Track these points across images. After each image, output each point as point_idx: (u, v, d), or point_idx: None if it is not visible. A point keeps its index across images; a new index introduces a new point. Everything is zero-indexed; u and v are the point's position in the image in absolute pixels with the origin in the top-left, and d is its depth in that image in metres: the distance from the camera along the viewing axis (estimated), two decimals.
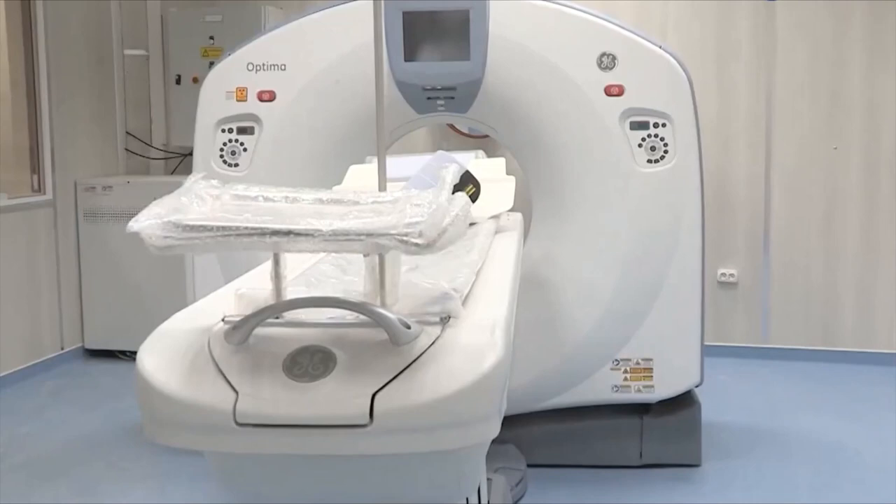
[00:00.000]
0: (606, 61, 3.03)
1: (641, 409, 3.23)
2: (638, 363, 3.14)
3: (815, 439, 3.51)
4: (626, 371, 3.15)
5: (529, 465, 3.14)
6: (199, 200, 1.34)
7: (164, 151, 5.03)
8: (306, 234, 1.22)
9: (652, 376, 3.14)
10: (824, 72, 4.42)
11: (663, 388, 3.17)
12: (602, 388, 3.16)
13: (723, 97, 4.51)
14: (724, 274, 4.59)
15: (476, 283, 1.66)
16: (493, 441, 1.39)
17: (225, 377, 1.28)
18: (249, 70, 3.18)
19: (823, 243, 4.50)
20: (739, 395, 4.06)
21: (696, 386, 3.23)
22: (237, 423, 1.24)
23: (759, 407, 3.90)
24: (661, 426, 3.22)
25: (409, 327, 1.29)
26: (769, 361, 4.53)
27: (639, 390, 3.16)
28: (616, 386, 3.16)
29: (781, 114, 4.48)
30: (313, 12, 3.18)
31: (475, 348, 1.29)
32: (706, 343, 3.23)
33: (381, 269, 1.37)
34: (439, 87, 3.12)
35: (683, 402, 3.24)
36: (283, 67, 3.16)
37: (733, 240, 4.59)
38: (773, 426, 3.66)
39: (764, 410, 3.86)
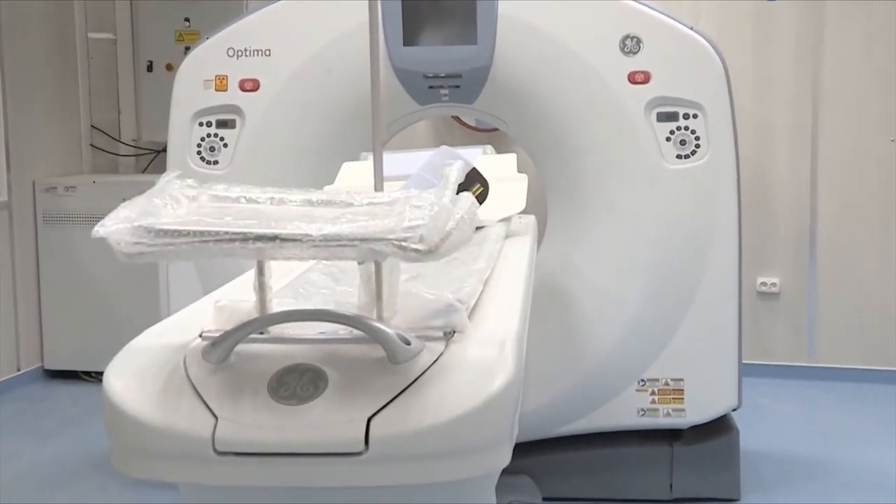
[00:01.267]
0: (630, 45, 3.04)
1: (671, 435, 3.23)
2: (667, 384, 3.15)
3: (870, 471, 3.50)
4: (653, 393, 3.15)
5: (545, 499, 3.14)
6: (174, 202, 1.35)
7: (135, 147, 5.05)
8: (294, 240, 1.23)
9: (683, 398, 3.14)
10: (879, 54, 4.41)
11: (696, 411, 3.17)
12: (626, 411, 3.16)
13: (762, 84, 4.52)
14: (764, 283, 4.59)
15: (484, 293, 1.67)
16: (504, 471, 1.40)
17: (203, 400, 1.29)
18: (230, 56, 3.19)
19: (878, 248, 4.49)
20: (783, 420, 4.05)
21: (734, 409, 3.23)
22: (216, 452, 1.25)
23: (805, 433, 3.90)
24: (693, 455, 3.22)
25: (408, 343, 1.30)
26: (816, 382, 4.52)
27: (668, 414, 3.16)
28: (642, 409, 3.16)
29: (829, 102, 4.47)
30: None
31: (483, 366, 1.30)
32: (744, 361, 3.23)
33: (377, 278, 1.38)
34: (443, 75, 3.13)
35: (719, 427, 3.24)
36: (267, 53, 3.17)
37: (774, 245, 4.59)
38: (821, 456, 3.66)
39: (811, 437, 3.85)
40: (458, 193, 1.43)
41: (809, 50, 4.47)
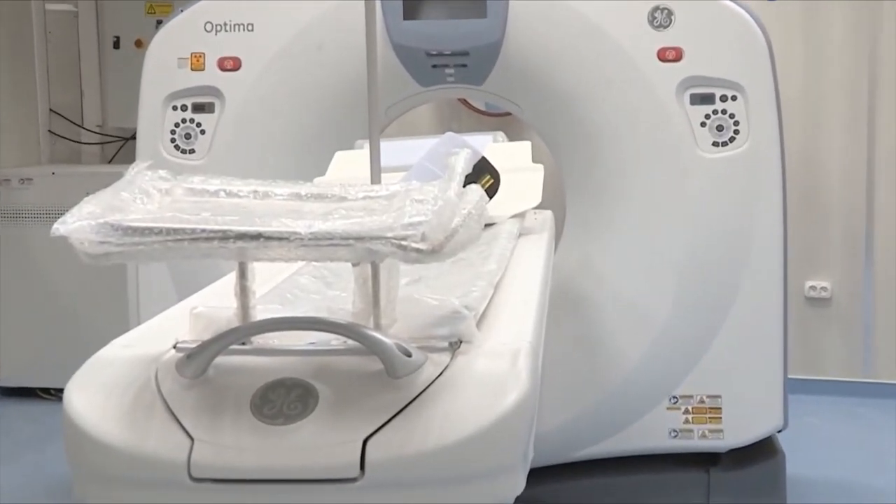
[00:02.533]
0: (660, 17, 3.05)
1: (708, 459, 3.23)
2: (702, 401, 3.15)
3: None
4: (687, 411, 3.15)
5: None
6: (145, 196, 1.36)
7: (99, 134, 5.06)
8: (280, 238, 1.24)
9: (721, 418, 3.14)
10: None
11: (736, 433, 3.17)
12: (656, 432, 3.16)
13: (811, 62, 4.51)
14: (813, 287, 4.59)
15: (494, 298, 1.68)
16: (518, 499, 1.40)
17: (177, 419, 1.30)
18: (208, 31, 3.20)
19: None
20: (835, 443, 4.05)
21: (779, 431, 3.24)
22: (192, 478, 1.26)
23: (860, 458, 3.89)
24: (733, 482, 3.22)
25: (409, 355, 1.30)
26: (873, 400, 4.51)
27: (704, 436, 3.16)
28: (675, 430, 3.16)
29: (890, 82, 4.46)
30: None
31: (493, 381, 1.31)
32: (791, 376, 3.23)
33: (374, 281, 1.38)
34: (448, 52, 3.13)
35: (762, 451, 3.24)
36: (250, 28, 3.18)
37: (825, 244, 4.58)
38: (879, 483, 3.65)
39: (866, 463, 3.84)
40: (465, 186, 1.43)
41: (866, 23, 4.45)
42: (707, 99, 3.06)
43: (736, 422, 3.16)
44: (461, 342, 1.40)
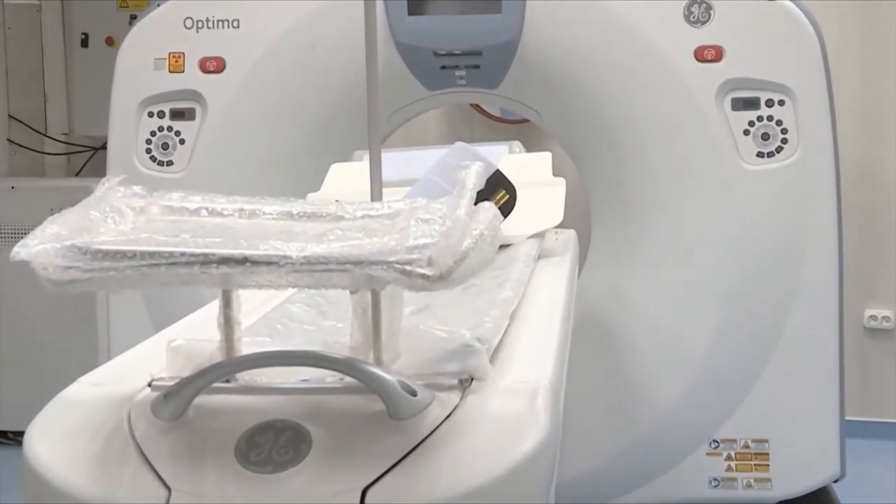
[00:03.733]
0: (698, 12, 3.05)
1: None
2: (747, 446, 3.14)
3: None
4: (729, 457, 3.14)
5: None
6: (117, 215, 1.36)
7: (66, 144, 5.07)
8: (269, 263, 1.24)
9: (768, 465, 3.13)
10: None
11: (785, 482, 3.16)
12: (695, 481, 3.16)
13: (869, 63, 4.51)
14: (873, 317, 4.57)
15: (510, 330, 1.68)
16: None
17: (152, 467, 1.30)
18: (188, 28, 3.21)
19: None
20: None
21: (835, 480, 3.23)
22: None
23: None
24: None
25: (414, 394, 1.30)
26: None
27: (749, 485, 3.15)
28: (715, 479, 3.15)
29: None
30: None
31: (509, 423, 1.31)
32: (848, 418, 3.22)
33: (374, 311, 1.38)
34: (458, 52, 3.14)
35: (816, 503, 3.23)
36: (235, 24, 3.19)
37: (887, 267, 4.57)
38: None
39: None
40: (477, 203, 1.44)
41: None
42: (751, 104, 3.06)
43: (785, 470, 3.15)
44: (472, 379, 1.40)
